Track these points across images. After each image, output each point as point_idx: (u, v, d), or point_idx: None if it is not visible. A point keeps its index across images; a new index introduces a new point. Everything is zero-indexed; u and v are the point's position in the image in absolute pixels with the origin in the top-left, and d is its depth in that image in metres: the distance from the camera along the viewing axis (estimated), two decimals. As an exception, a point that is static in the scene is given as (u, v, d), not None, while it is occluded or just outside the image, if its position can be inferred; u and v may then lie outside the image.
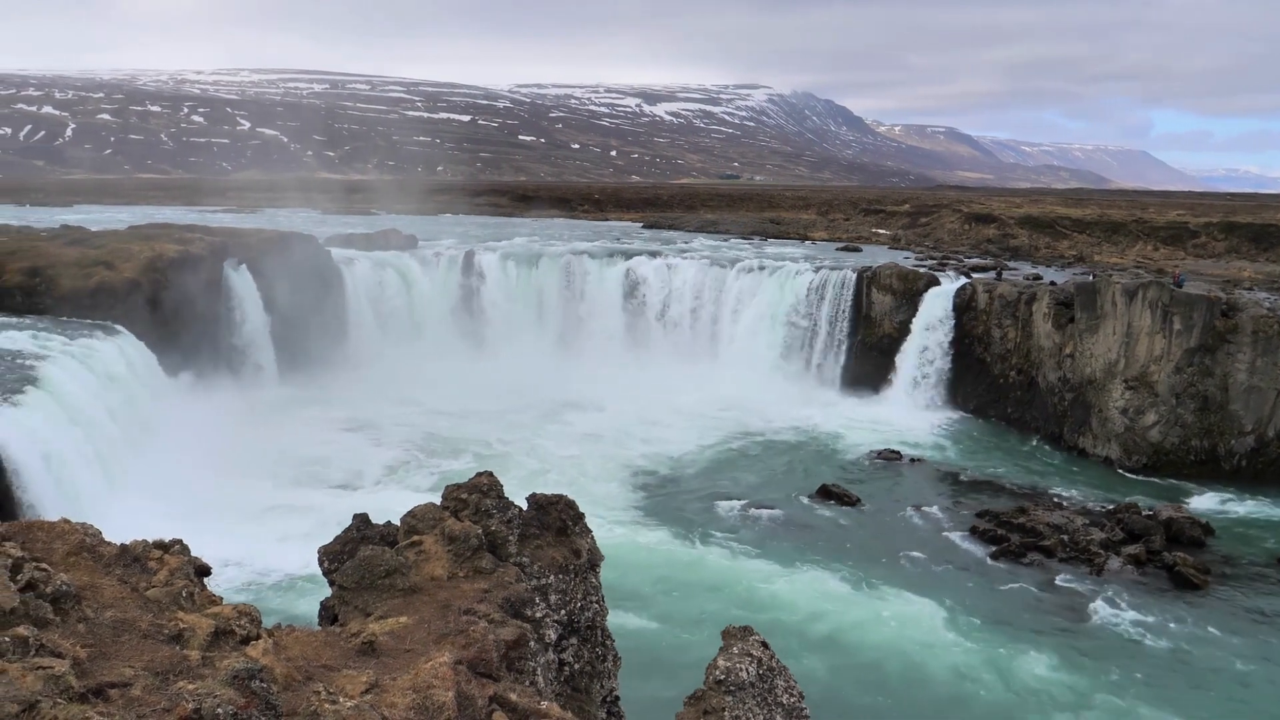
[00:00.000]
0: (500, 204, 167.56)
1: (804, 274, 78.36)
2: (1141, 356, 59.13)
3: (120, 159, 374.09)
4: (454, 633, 12.33)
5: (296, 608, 34.27)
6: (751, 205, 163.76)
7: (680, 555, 43.81)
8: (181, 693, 8.88)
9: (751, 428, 64.90)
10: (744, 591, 40.19)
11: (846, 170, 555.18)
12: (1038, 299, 66.46)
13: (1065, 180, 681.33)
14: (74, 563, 11.57)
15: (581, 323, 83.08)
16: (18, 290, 60.24)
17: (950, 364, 70.73)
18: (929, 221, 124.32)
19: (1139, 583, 42.35)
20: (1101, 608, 39.70)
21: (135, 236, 70.50)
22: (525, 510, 16.62)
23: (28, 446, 37.58)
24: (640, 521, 47.70)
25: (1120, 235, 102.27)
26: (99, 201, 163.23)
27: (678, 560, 43.17)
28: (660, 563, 42.54)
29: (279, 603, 35.93)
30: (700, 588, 40.28)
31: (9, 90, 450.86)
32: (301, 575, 36.82)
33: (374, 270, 79.41)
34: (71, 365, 47.41)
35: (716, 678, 13.09)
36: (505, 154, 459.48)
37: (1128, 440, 58.97)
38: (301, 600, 35.07)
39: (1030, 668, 34.53)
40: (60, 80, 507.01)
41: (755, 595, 39.82)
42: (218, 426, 54.55)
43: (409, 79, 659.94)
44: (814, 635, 36.25)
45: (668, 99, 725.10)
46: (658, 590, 39.41)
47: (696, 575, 41.63)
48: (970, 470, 57.92)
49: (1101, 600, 40.31)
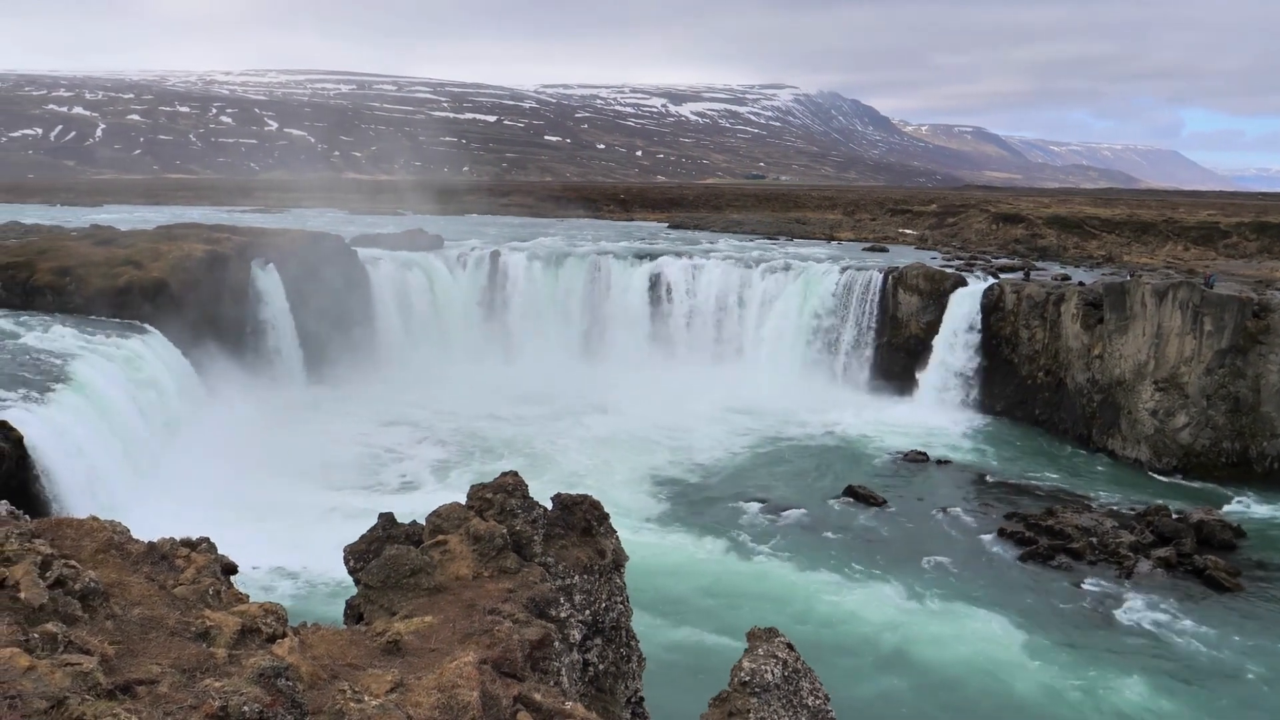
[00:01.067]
0: (526, 204, 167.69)
1: (830, 274, 78.13)
2: (1172, 358, 58.66)
3: (149, 159, 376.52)
4: (479, 632, 12.32)
5: (322, 606, 34.37)
6: (777, 205, 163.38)
7: (705, 556, 43.75)
8: (208, 690, 8.90)
9: (777, 429, 64.75)
10: (769, 592, 40.10)
11: (873, 170, 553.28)
12: (1066, 299, 66.04)
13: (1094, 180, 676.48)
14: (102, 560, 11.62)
15: (607, 323, 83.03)
16: (48, 289, 60.76)
17: (977, 365, 70.36)
18: (956, 221, 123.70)
19: (1169, 586, 42.01)
20: (1131, 611, 39.41)
21: (164, 236, 70.99)
22: (550, 510, 16.61)
23: (57, 444, 37.88)
24: (665, 522, 47.66)
25: (1150, 235, 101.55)
26: (128, 201, 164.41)
27: (702, 561, 43.12)
28: (685, 563, 42.50)
29: (304, 601, 36.05)
30: (725, 589, 40.19)
31: (40, 91, 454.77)
32: (327, 574, 36.93)
33: (400, 270, 79.62)
34: (101, 364, 47.77)
35: (741, 679, 13.03)
36: (531, 154, 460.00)
37: (1158, 442, 58.52)
38: (327, 599, 35.17)
39: (1058, 670, 34.30)
40: (90, 81, 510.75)
41: (780, 596, 39.72)
42: (245, 426, 54.84)
43: (435, 80, 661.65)
44: (838, 636, 36.12)
45: (693, 99, 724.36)
46: (682, 591, 39.34)
47: (721, 576, 41.56)
48: (998, 472, 57.60)
49: (1131, 603, 40.02)
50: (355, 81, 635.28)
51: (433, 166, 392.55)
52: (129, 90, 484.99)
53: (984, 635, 36.82)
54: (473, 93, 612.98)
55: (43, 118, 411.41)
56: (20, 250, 64.85)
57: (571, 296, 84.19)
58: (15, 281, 61.66)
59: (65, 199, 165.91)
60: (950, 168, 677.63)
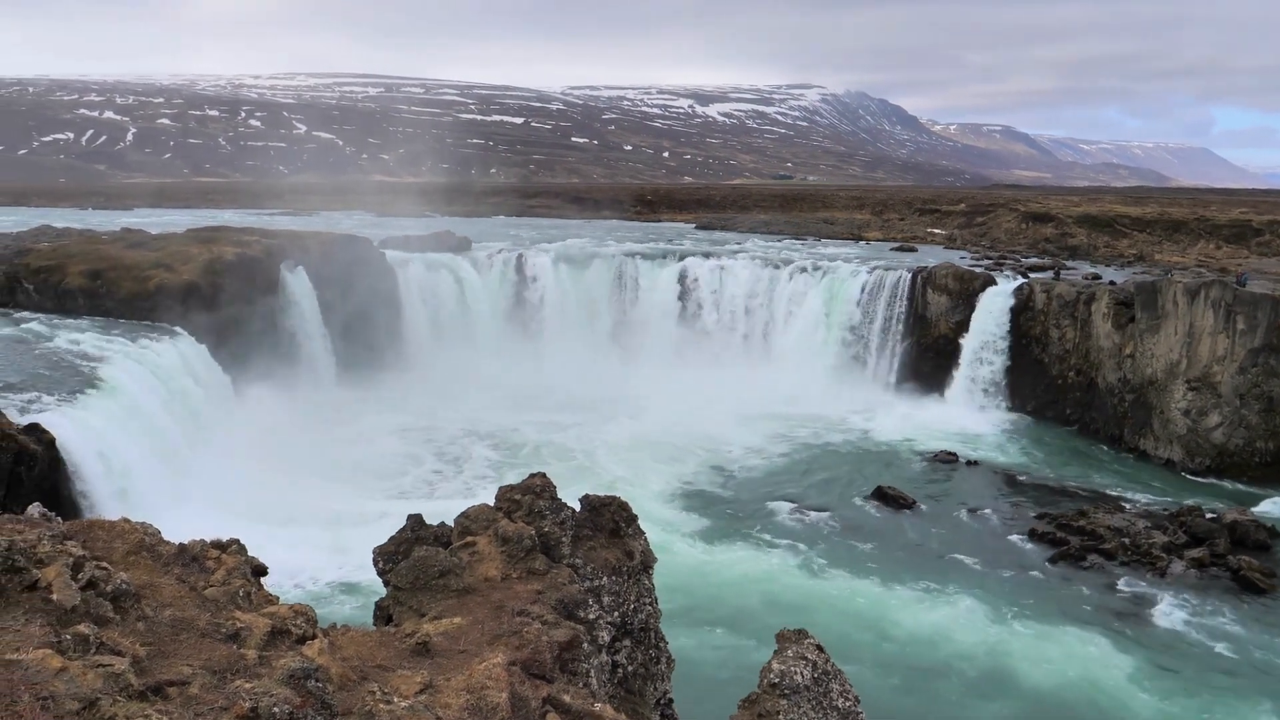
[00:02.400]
0: (553, 206, 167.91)
1: (858, 274, 77.87)
2: (1204, 357, 58.16)
3: (179, 163, 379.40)
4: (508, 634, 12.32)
5: (351, 607, 34.52)
6: (805, 205, 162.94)
7: (733, 557, 43.65)
8: (239, 691, 8.92)
9: (805, 429, 64.58)
10: (798, 594, 39.97)
11: (901, 170, 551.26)
12: (1097, 299, 65.58)
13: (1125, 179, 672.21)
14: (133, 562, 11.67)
15: (634, 324, 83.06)
16: (79, 292, 61.22)
17: (1007, 365, 69.98)
18: (985, 221, 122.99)
19: (1202, 586, 41.64)
20: (1164, 611, 39.09)
21: (194, 239, 71.37)
22: (578, 512, 16.60)
23: (89, 447, 38.14)
24: (693, 523, 47.58)
25: (1181, 234, 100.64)
26: (158, 205, 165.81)
27: (730, 562, 43.02)
28: (713, 565, 42.43)
29: (334, 602, 36.19)
30: (753, 590, 40.09)
31: (71, 95, 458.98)
32: (356, 575, 37.06)
33: (428, 272, 79.87)
34: (132, 366, 48.08)
35: (771, 681, 12.98)
36: (558, 156, 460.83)
37: (1190, 442, 58.03)
38: (356, 600, 35.31)
39: (1090, 671, 34.04)
40: (121, 85, 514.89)
41: (809, 597, 39.59)
42: (275, 428, 55.06)
43: (462, 82, 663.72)
44: (868, 638, 35.97)
45: (720, 100, 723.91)
46: (711, 592, 39.26)
47: (750, 577, 41.45)
48: (1028, 472, 57.25)
49: (1164, 604, 39.69)
50: (383, 84, 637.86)
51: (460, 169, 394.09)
52: (159, 94, 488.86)
53: (1015, 636, 36.58)
54: (500, 95, 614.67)
55: (74, 122, 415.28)
56: (52, 254, 65.36)
57: (599, 297, 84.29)
58: (48, 285, 62.16)
59: (96, 203, 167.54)
60: (979, 167, 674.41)
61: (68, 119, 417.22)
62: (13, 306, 61.68)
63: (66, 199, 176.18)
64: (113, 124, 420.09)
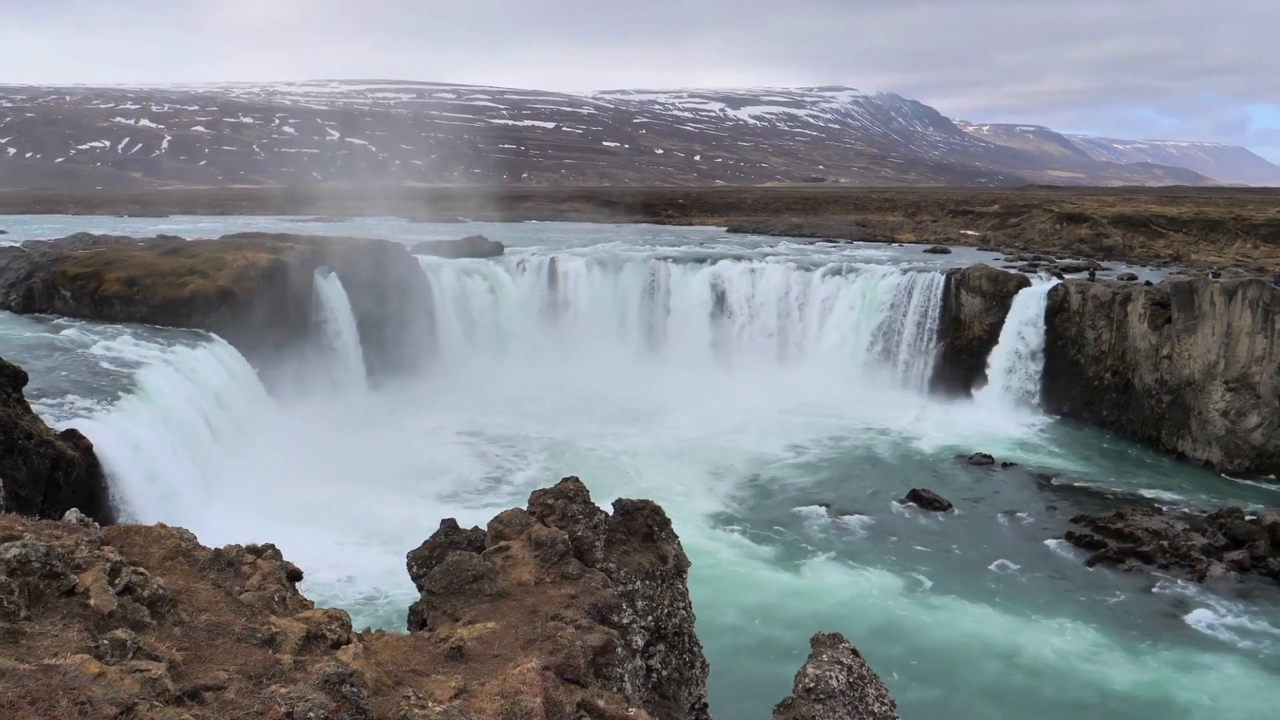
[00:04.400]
0: (584, 210, 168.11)
1: (891, 276, 77.57)
2: (1242, 357, 57.57)
3: (214, 170, 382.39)
4: (541, 638, 12.30)
5: (385, 612, 34.63)
6: (837, 208, 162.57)
7: (768, 561, 43.54)
8: (274, 696, 8.95)
9: (839, 432, 64.33)
10: (833, 597, 39.83)
11: (934, 171, 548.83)
12: (1133, 299, 65.01)
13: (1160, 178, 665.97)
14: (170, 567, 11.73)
15: (666, 328, 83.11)
16: (116, 299, 61.82)
17: (1042, 366, 69.49)
18: (1019, 222, 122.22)
19: (1242, 589, 41.18)
20: (1204, 615, 38.68)
21: (228, 246, 71.90)
22: (611, 516, 16.57)
23: (125, 452, 38.47)
24: (727, 527, 47.50)
25: (1218, 233, 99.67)
26: (193, 212, 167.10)
27: (765, 566, 42.92)
28: (747, 568, 42.33)
29: (368, 607, 36.33)
30: (788, 594, 39.97)
31: (108, 104, 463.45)
32: (390, 579, 37.17)
33: (460, 277, 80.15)
34: (168, 372, 48.47)
35: (806, 685, 12.90)
36: (589, 160, 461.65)
37: (1229, 443, 57.44)
38: (391, 605, 35.42)
39: (1130, 675, 33.73)
40: (156, 94, 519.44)
41: (844, 601, 39.44)
42: (310, 433, 55.34)
43: (494, 87, 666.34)
44: (904, 642, 35.77)
45: (751, 103, 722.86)
46: (745, 597, 39.16)
47: (784, 581, 41.34)
48: (1065, 475, 56.81)
49: (1203, 607, 39.28)
50: (415, 90, 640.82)
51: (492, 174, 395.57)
52: (194, 102, 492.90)
53: (1052, 640, 36.29)
54: (531, 100, 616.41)
55: (110, 130, 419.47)
56: (89, 261, 66.02)
57: (631, 301, 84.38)
58: (84, 292, 62.82)
59: (132, 210, 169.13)
60: (1012, 168, 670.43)
61: (104, 127, 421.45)
62: (51, 313, 62.44)
63: (103, 206, 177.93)
64: (148, 132, 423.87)
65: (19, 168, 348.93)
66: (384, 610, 35.14)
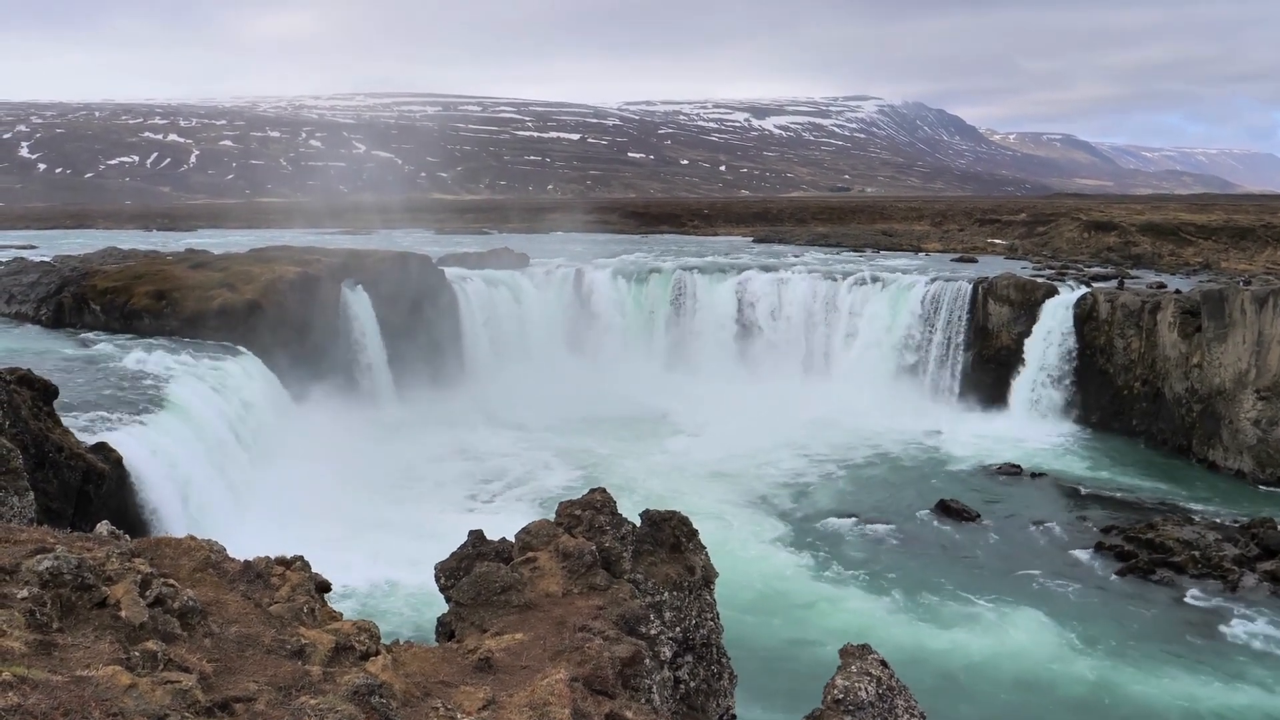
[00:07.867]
0: (610, 221, 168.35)
1: (918, 286, 77.29)
2: (1274, 365, 57.04)
3: (241, 184, 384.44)
4: (569, 649, 12.30)
5: (414, 623, 34.67)
6: (863, 217, 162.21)
7: (795, 572, 43.39)
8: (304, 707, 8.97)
9: (866, 442, 64.11)
10: (861, 608, 39.66)
11: (960, 180, 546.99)
12: (1162, 308, 64.55)
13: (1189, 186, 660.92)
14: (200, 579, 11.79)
15: (693, 338, 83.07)
16: (144, 313, 62.22)
17: (1071, 376, 69.06)
18: (1046, 230, 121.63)
19: (1276, 600, 40.74)
20: (1237, 626, 38.29)
21: (255, 259, 72.29)
22: (639, 527, 16.57)
23: (155, 465, 38.65)
24: (754, 537, 47.36)
25: (1248, 241, 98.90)
26: (221, 225, 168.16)
27: (792, 577, 42.77)
28: (774, 579, 42.19)
29: (397, 618, 36.38)
30: (816, 605, 39.83)
31: (136, 119, 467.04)
32: (419, 591, 37.21)
33: (487, 289, 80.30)
34: (197, 385, 48.74)
35: (835, 697, 12.86)
36: (615, 171, 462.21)
37: (1261, 452, 56.91)
38: (419, 616, 35.45)
39: (1163, 687, 33.41)
40: (184, 108, 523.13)
41: (873, 613, 39.26)
42: (339, 446, 55.49)
43: (519, 99, 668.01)
44: (933, 653, 35.55)
45: (776, 113, 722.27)
46: (773, 608, 39.04)
47: (813, 592, 41.19)
48: (1094, 484, 56.41)
49: (1236, 618, 38.88)
50: (441, 103, 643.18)
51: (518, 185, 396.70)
52: (221, 117, 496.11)
53: (1082, 651, 36.01)
54: (556, 111, 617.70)
55: (139, 145, 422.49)
56: (118, 275, 66.53)
57: (657, 312, 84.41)
58: (114, 306, 63.27)
59: (161, 224, 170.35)
60: (1039, 176, 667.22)
61: (133, 142, 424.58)
62: (81, 327, 62.89)
63: (132, 221, 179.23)
64: (176, 146, 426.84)
65: (49, 183, 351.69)
66: (412, 621, 35.18)
